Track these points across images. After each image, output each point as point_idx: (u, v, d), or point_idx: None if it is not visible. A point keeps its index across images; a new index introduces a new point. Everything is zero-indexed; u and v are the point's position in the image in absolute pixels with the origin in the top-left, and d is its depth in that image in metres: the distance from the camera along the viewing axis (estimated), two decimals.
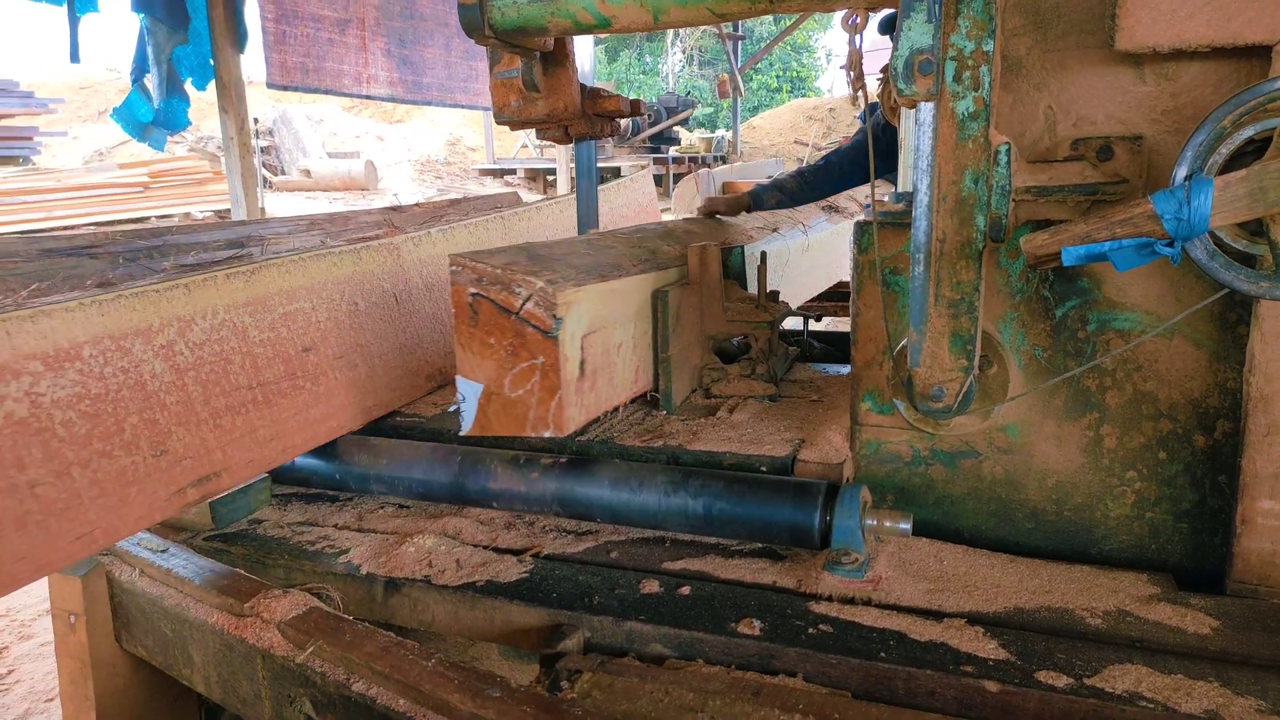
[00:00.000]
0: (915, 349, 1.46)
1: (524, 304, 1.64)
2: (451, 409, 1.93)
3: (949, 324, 1.42)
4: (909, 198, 1.68)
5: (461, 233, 2.64)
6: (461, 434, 1.72)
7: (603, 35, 1.82)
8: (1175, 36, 1.34)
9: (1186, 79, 1.42)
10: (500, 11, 1.69)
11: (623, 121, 2.22)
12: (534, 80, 1.93)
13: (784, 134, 20.45)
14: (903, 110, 1.74)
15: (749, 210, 3.17)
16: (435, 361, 2.35)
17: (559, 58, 1.95)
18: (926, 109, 1.36)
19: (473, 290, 1.67)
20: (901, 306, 1.64)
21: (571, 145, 2.22)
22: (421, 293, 2.35)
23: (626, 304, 1.89)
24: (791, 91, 30.26)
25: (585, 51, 2.07)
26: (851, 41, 1.44)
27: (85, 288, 1.85)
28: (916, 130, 1.42)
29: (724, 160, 17.01)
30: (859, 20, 1.43)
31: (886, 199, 1.67)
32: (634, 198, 3.96)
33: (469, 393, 1.70)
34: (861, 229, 1.65)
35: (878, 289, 1.64)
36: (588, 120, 2.08)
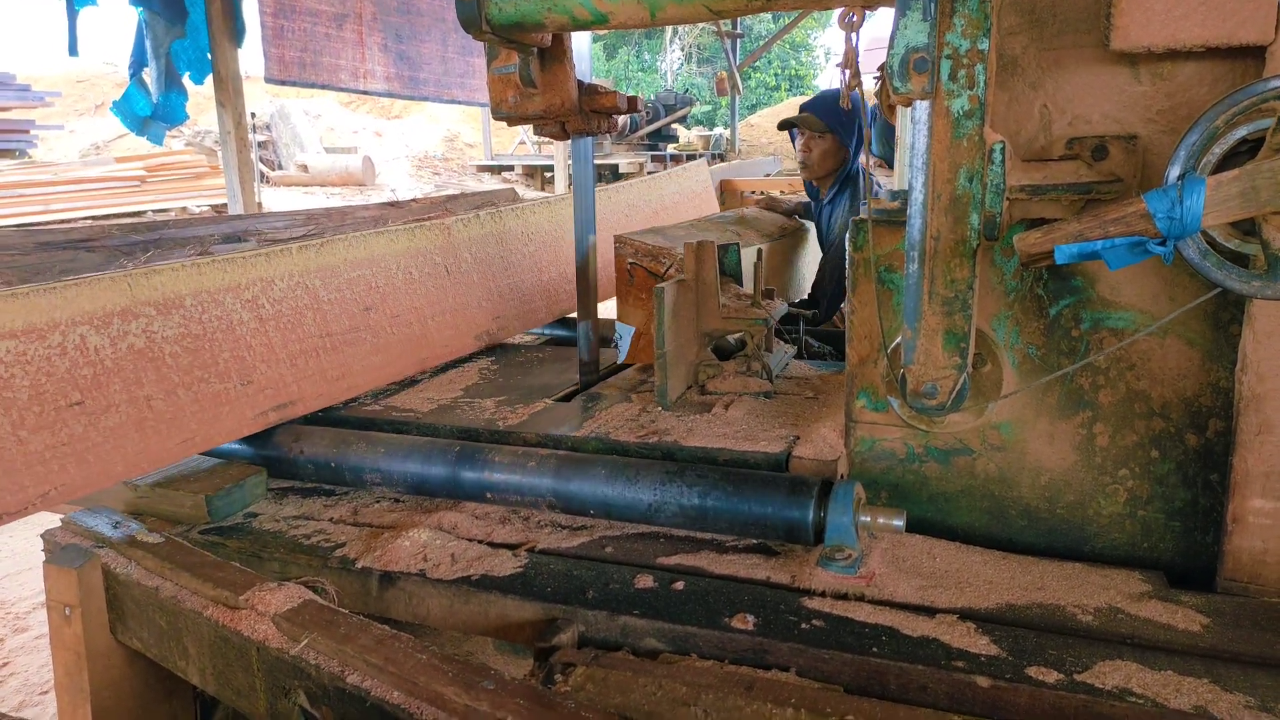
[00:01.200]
0: (909, 346, 1.46)
1: (666, 270, 2.38)
2: (612, 344, 2.54)
3: (943, 322, 1.42)
4: (904, 195, 1.68)
5: (510, 217, 2.84)
6: (619, 362, 2.51)
7: (600, 31, 1.82)
8: (1170, 36, 1.34)
9: (1181, 79, 1.42)
10: (498, 7, 1.69)
11: (620, 118, 2.24)
12: (531, 76, 1.93)
13: (781, 132, 20.42)
14: (899, 108, 1.75)
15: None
16: (483, 324, 2.68)
17: (556, 54, 1.95)
18: (922, 107, 1.36)
19: (630, 260, 2.43)
20: (897, 304, 1.65)
21: (569, 141, 2.22)
22: (471, 266, 2.69)
23: None
24: (790, 90, 30.24)
25: (583, 48, 2.07)
26: (848, 40, 1.45)
27: (188, 254, 2.27)
28: (912, 128, 1.42)
29: (722, 158, 16.99)
30: (855, 18, 1.43)
31: (884, 196, 1.68)
32: (688, 185, 4.02)
33: (625, 333, 2.46)
34: (857, 227, 1.66)
35: (873, 286, 1.65)
36: (585, 116, 2.08)
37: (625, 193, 3.67)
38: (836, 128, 3.34)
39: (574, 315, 3.35)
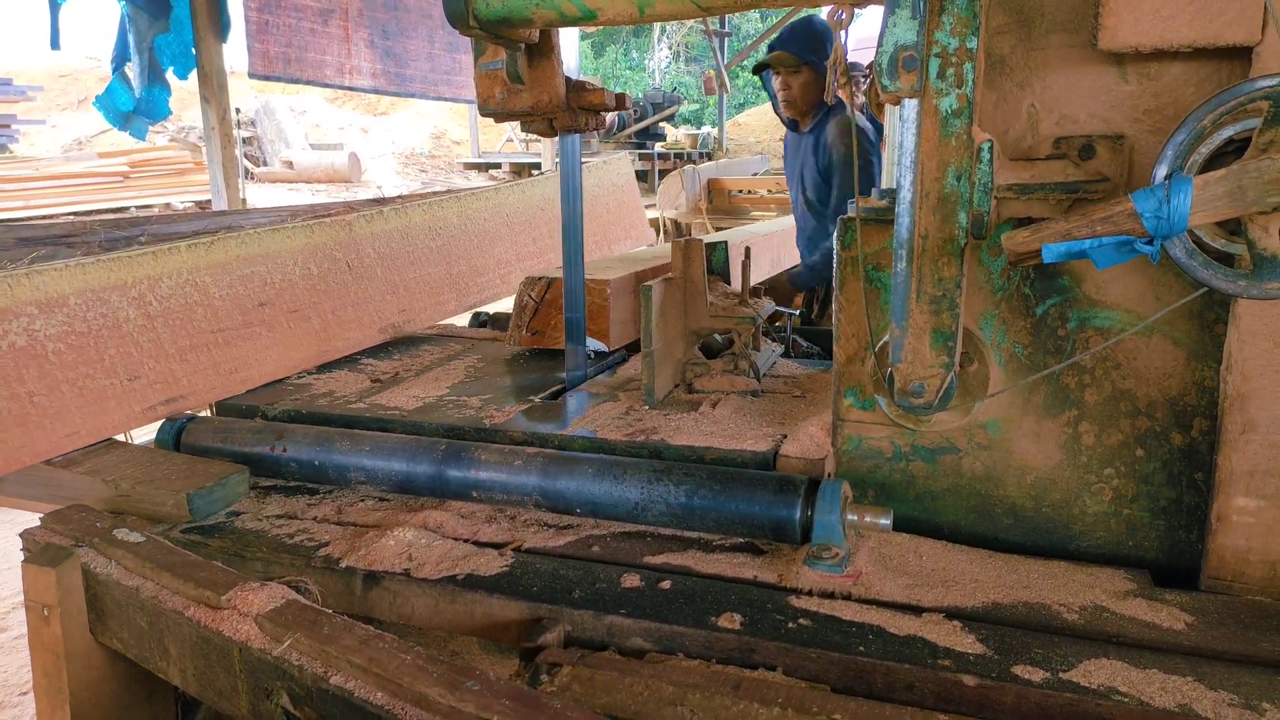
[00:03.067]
0: (897, 345, 1.46)
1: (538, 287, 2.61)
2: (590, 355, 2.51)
3: (930, 320, 1.42)
4: (892, 194, 1.68)
5: (416, 212, 2.88)
6: (608, 350, 2.55)
7: (589, 28, 1.81)
8: (1157, 36, 1.34)
9: (1168, 79, 1.43)
10: (485, 2, 1.68)
11: (608, 117, 2.22)
12: (518, 72, 1.92)
13: (769, 131, 20.47)
14: (888, 106, 1.75)
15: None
16: (389, 317, 2.76)
17: (544, 50, 1.93)
18: (910, 105, 1.36)
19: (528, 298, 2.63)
20: (884, 303, 1.64)
21: (557, 139, 2.21)
22: (375, 260, 2.77)
23: None
24: None
25: (571, 46, 2.06)
26: (837, 38, 1.44)
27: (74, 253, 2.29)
28: (900, 126, 1.42)
29: (709, 157, 17.00)
30: (844, 17, 1.43)
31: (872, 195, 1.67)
32: (608, 178, 4.03)
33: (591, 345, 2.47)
34: (845, 225, 1.65)
35: (860, 285, 1.65)
36: (572, 113, 2.07)
37: (539, 187, 3.71)
38: (810, 58, 3.28)
39: (489, 309, 3.38)
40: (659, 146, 16.55)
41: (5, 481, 1.85)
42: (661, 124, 17.30)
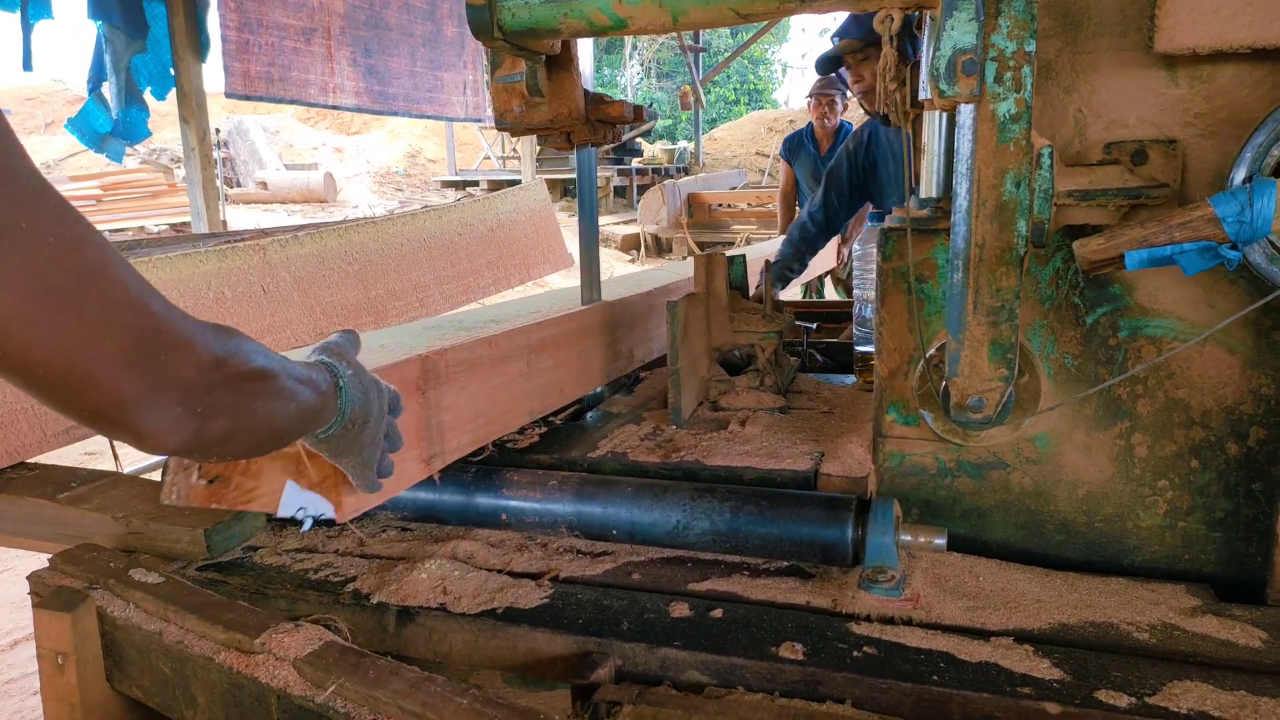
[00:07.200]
0: (954, 358, 1.41)
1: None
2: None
3: (989, 332, 1.38)
4: (933, 203, 1.64)
5: (331, 237, 2.89)
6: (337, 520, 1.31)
7: (616, 37, 1.76)
8: (1216, 38, 1.31)
9: (1221, 81, 1.39)
10: (511, 12, 1.62)
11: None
12: (538, 85, 1.86)
13: (745, 145, 20.59)
14: (925, 114, 1.70)
15: None
16: (305, 339, 2.80)
17: (563, 61, 1.88)
18: (966, 112, 1.32)
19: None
20: (928, 315, 1.60)
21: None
22: (291, 285, 2.80)
23: None
24: (749, 104, 30.53)
25: (587, 57, 2.01)
26: (888, 42, 1.40)
27: None
28: (950, 133, 1.38)
29: (686, 171, 17.05)
30: (894, 21, 1.39)
31: (912, 204, 1.63)
32: (525, 203, 4.06)
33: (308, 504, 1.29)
34: (887, 236, 1.61)
35: (903, 297, 1.60)
36: (591, 126, 2.01)
37: (456, 212, 3.74)
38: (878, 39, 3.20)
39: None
40: (636, 162, 16.57)
41: (6, 519, 1.76)
42: (638, 139, 17.33)
